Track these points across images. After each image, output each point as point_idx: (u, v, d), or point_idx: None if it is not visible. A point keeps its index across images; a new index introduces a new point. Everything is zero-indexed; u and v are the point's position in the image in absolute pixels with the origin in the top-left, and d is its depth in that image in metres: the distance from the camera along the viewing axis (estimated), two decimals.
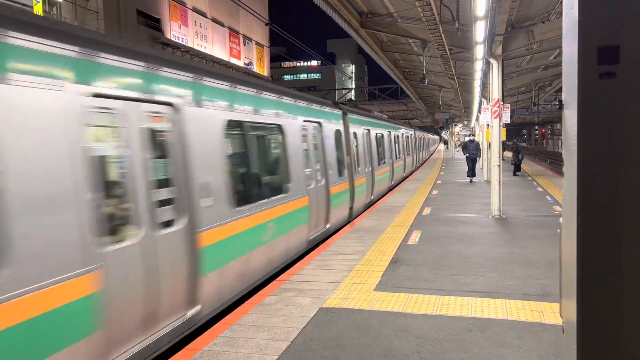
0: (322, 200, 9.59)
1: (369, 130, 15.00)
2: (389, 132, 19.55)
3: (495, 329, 4.68)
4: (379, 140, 16.85)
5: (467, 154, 20.20)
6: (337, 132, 11.24)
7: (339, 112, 11.83)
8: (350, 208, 11.87)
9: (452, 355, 4.17)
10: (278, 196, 7.33)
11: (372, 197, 14.79)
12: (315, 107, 9.97)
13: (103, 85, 4.03)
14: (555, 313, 4.99)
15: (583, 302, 1.73)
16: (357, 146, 13.11)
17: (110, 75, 4.14)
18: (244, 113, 6.54)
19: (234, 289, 5.92)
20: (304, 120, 9.06)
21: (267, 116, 7.30)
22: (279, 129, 7.81)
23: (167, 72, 4.88)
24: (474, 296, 5.63)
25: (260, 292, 6.04)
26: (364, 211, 12.66)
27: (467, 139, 23.34)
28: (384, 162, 17.75)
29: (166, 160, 4.91)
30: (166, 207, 4.76)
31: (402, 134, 23.85)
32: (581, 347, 1.74)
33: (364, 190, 13.47)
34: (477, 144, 20.74)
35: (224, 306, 5.73)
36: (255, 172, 7.06)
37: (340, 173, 10.99)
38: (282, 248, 7.42)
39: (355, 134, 12.93)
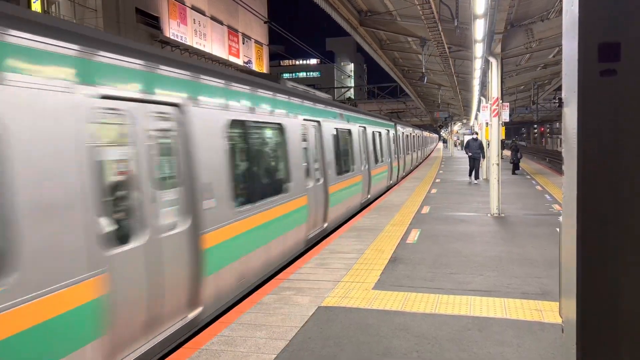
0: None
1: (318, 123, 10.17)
2: (360, 127, 14.18)
3: (494, 328, 4.68)
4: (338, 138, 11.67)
5: (470, 154, 19.13)
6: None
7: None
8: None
9: (450, 354, 4.16)
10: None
11: (326, 225, 10.08)
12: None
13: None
14: (555, 312, 4.99)
15: (582, 301, 1.72)
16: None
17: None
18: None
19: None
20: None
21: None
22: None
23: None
24: (472, 295, 5.63)
25: (258, 290, 6.03)
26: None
27: (466, 137, 23.18)
28: (350, 170, 12.42)
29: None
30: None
31: (387, 132, 19.13)
32: (580, 346, 1.73)
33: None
34: (480, 142, 19.49)
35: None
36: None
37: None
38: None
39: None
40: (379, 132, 17.15)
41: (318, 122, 9.90)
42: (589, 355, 1.73)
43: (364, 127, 14.54)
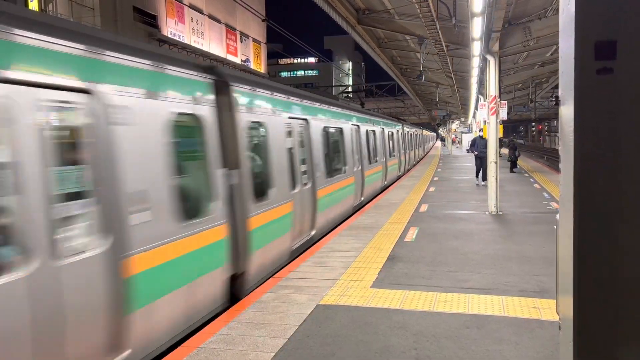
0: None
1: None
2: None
3: (492, 326, 4.69)
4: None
5: (476, 152, 17.39)
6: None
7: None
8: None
9: (449, 351, 4.18)
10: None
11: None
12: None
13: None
14: (552, 309, 5.00)
15: (579, 299, 1.73)
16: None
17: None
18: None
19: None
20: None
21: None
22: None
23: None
24: (471, 293, 5.64)
25: (257, 289, 6.03)
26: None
27: (465, 135, 22.92)
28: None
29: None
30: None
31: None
32: (577, 343, 1.74)
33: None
34: (487, 141, 18.58)
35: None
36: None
37: None
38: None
39: None
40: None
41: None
42: (586, 352, 1.74)
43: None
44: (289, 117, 8.15)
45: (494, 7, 9.56)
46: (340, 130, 11.68)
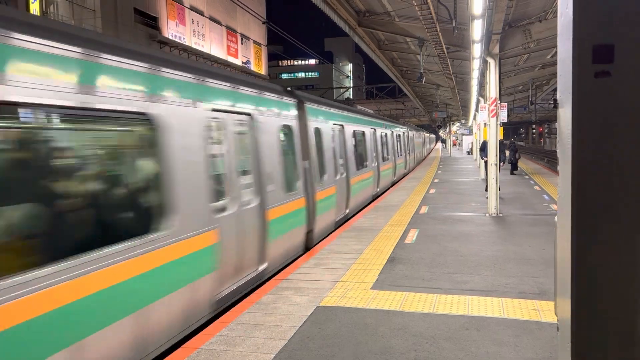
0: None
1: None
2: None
3: (491, 327, 4.70)
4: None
5: (485, 158, 15.06)
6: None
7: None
8: None
9: (448, 353, 4.18)
10: None
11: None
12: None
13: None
14: (552, 311, 5.01)
15: (577, 300, 1.74)
16: None
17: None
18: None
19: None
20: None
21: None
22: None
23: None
24: (470, 294, 5.65)
25: (257, 290, 6.04)
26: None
27: (466, 138, 22.63)
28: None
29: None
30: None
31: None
32: (575, 345, 1.75)
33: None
34: (504, 145, 16.35)
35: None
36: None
37: None
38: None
39: None
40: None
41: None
42: (583, 354, 1.75)
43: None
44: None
45: (494, 9, 9.58)
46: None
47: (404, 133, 24.60)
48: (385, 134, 18.68)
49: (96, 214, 4.06)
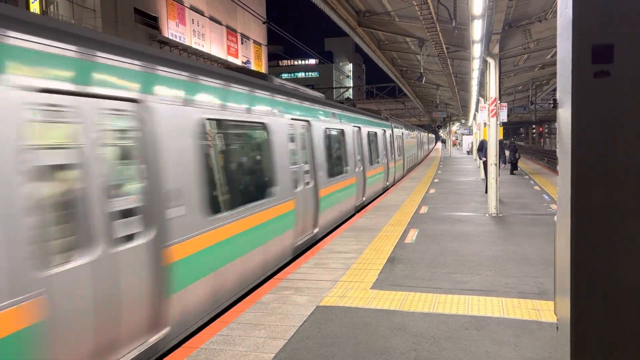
0: None
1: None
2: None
3: (491, 327, 4.70)
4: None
5: (484, 159, 14.67)
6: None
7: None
8: None
9: (448, 353, 4.19)
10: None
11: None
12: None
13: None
14: (552, 311, 5.01)
15: (576, 300, 1.74)
16: None
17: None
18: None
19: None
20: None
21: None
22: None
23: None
24: (470, 294, 5.65)
25: (257, 290, 6.04)
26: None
27: (466, 138, 22.18)
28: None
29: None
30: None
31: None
32: (574, 344, 1.76)
33: None
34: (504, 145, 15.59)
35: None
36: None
37: None
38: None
39: None
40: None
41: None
42: (583, 353, 1.75)
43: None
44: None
45: (494, 9, 9.58)
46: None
47: (384, 132, 18.49)
48: (342, 131, 12.12)
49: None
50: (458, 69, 22.49)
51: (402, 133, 24.46)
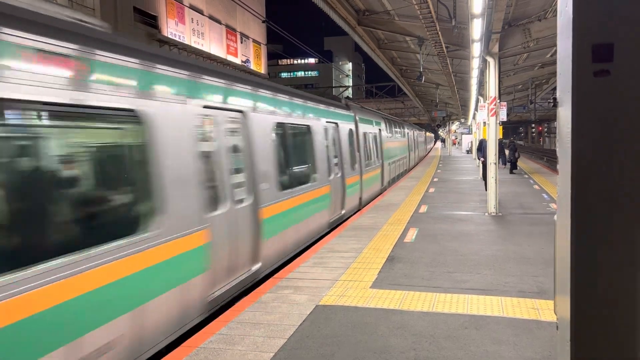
0: None
1: None
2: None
3: (491, 326, 4.70)
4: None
5: (482, 159, 14.61)
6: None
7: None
8: None
9: (448, 352, 4.19)
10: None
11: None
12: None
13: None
14: (551, 310, 5.01)
15: (576, 299, 1.74)
16: None
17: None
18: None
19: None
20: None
21: None
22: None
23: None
24: (470, 293, 5.65)
25: (257, 289, 6.05)
26: None
27: (465, 137, 22.08)
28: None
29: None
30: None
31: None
32: (574, 343, 1.75)
33: None
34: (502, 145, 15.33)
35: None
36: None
37: None
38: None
39: None
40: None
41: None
42: (582, 352, 1.75)
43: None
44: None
45: (494, 8, 9.58)
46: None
47: (336, 126, 11.64)
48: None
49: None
50: (457, 68, 22.49)
51: (379, 130, 17.21)
